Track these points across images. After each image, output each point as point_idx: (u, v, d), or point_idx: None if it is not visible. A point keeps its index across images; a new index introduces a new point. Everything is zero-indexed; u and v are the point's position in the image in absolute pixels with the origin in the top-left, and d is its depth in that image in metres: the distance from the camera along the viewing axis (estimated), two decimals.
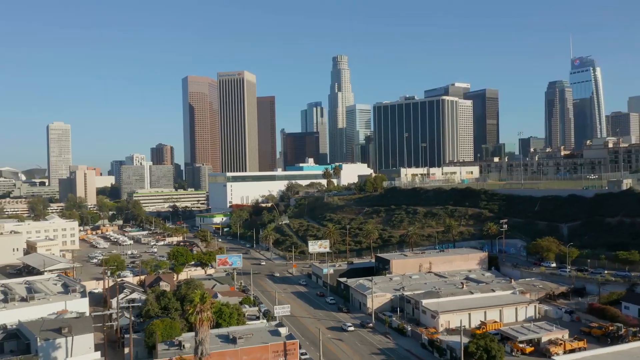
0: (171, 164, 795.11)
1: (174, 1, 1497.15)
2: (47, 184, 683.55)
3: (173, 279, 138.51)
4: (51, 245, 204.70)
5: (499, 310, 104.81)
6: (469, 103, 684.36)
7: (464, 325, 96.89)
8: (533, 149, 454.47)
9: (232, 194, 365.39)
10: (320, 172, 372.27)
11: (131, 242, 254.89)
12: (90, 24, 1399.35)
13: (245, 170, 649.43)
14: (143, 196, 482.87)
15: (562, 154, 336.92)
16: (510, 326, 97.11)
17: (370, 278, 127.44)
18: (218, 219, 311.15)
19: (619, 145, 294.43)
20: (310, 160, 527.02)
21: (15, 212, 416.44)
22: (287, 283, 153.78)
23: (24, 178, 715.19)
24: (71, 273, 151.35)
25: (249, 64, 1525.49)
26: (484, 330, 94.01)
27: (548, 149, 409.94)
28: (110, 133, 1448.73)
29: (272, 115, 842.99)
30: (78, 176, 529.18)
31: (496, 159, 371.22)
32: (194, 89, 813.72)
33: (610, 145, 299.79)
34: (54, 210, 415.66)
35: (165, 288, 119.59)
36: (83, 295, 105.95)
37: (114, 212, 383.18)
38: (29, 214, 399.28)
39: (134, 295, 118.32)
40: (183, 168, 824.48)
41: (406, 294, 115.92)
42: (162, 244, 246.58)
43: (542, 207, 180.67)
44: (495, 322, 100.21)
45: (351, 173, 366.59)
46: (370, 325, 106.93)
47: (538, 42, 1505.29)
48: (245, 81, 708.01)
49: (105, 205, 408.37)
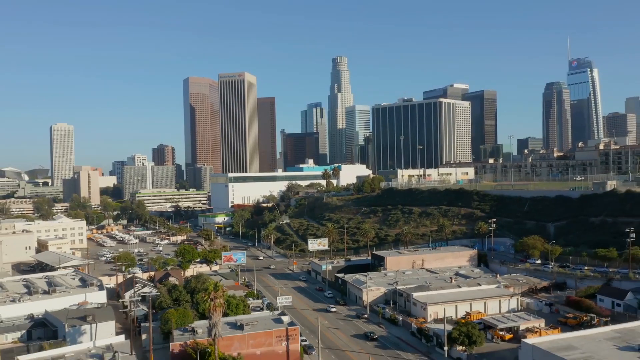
0: (172, 164, 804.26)
1: (174, 2, 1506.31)
2: (50, 184, 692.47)
3: (181, 275, 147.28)
4: (62, 244, 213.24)
5: (484, 303, 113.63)
6: (466, 104, 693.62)
7: (450, 316, 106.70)
8: (527, 151, 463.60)
9: (234, 194, 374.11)
10: (320, 173, 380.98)
11: (137, 241, 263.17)
12: (91, 24, 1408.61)
13: (246, 171, 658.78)
14: (146, 196, 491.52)
15: (555, 155, 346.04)
16: (492, 316, 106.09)
17: (366, 274, 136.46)
18: (220, 219, 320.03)
19: (610, 148, 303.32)
20: (310, 161, 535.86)
21: (20, 212, 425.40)
22: (288, 279, 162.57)
23: (26, 178, 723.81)
24: (83, 269, 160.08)
25: (249, 64, 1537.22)
26: (468, 319, 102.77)
27: (542, 151, 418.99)
28: (112, 133, 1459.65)
29: (273, 116, 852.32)
30: (82, 177, 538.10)
31: (491, 161, 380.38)
32: (195, 90, 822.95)
33: (601, 147, 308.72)
34: (59, 210, 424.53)
35: (174, 283, 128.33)
36: (101, 288, 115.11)
37: (118, 212, 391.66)
38: (34, 214, 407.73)
39: (146, 290, 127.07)
40: (184, 168, 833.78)
41: (399, 288, 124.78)
42: (166, 242, 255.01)
43: (531, 207, 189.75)
44: (479, 313, 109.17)
45: (350, 174, 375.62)
46: (365, 316, 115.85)
47: (536, 43, 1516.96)
48: (245, 82, 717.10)
49: (110, 205, 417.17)
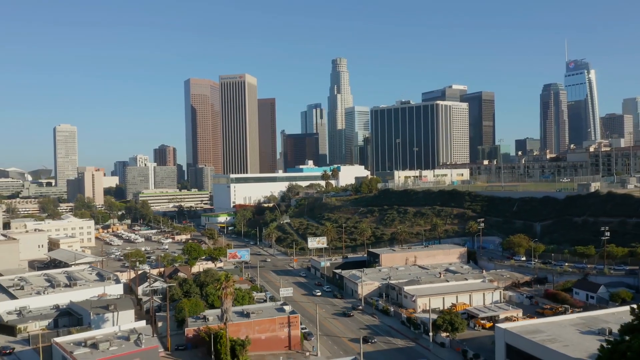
0: (174, 164, 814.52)
1: (174, 2, 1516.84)
2: (54, 184, 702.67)
3: (189, 271, 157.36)
4: (72, 242, 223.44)
5: (469, 295, 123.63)
6: (464, 106, 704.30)
7: (437, 307, 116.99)
8: (520, 153, 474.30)
9: (235, 195, 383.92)
10: (319, 174, 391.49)
11: (142, 240, 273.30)
12: (92, 24, 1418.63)
13: (247, 171, 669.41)
14: (149, 196, 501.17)
15: (548, 157, 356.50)
16: (476, 307, 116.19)
17: (361, 269, 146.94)
18: (222, 218, 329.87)
19: (600, 150, 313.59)
20: (310, 162, 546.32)
21: (26, 212, 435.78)
22: (289, 275, 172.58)
23: (30, 179, 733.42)
24: (95, 265, 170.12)
25: (250, 65, 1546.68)
26: (453, 310, 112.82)
27: (535, 152, 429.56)
28: (113, 134, 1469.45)
29: (273, 117, 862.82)
30: (86, 177, 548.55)
31: (485, 162, 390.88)
32: (196, 91, 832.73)
33: (591, 149, 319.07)
34: (65, 210, 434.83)
35: (184, 277, 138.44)
36: (117, 282, 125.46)
37: (123, 212, 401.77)
38: (39, 214, 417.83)
39: (157, 284, 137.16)
40: (185, 169, 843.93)
41: (392, 282, 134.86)
42: (170, 241, 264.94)
43: (520, 208, 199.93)
44: (464, 304, 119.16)
45: (349, 174, 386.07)
46: (360, 307, 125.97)
47: (534, 44, 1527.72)
48: (246, 84, 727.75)
49: (115, 205, 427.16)
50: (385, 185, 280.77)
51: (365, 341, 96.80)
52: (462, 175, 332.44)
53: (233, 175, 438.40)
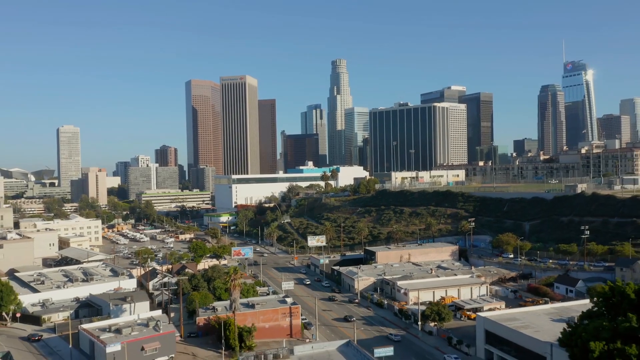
0: (175, 165, 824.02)
1: (174, 2, 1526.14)
2: (57, 184, 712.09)
3: (195, 267, 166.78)
4: (82, 241, 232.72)
5: (457, 289, 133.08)
6: (462, 107, 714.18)
7: (428, 300, 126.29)
8: (515, 154, 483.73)
9: (237, 195, 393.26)
10: (319, 175, 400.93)
11: (148, 239, 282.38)
12: (92, 24, 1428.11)
13: (247, 171, 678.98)
14: (151, 196, 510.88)
15: (541, 158, 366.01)
16: (463, 300, 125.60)
17: (358, 266, 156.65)
18: (225, 218, 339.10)
19: (591, 152, 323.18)
20: (310, 163, 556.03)
21: (32, 212, 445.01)
22: (290, 272, 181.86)
23: (33, 179, 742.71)
24: (106, 262, 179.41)
25: (250, 66, 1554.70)
26: (442, 302, 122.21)
27: (530, 154, 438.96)
28: (114, 134, 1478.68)
29: (273, 118, 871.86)
30: (90, 177, 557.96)
31: (481, 163, 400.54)
32: (197, 92, 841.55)
33: (582, 151, 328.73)
34: (69, 210, 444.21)
35: (192, 273, 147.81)
36: (131, 277, 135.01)
37: (127, 212, 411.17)
38: (45, 214, 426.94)
39: (166, 279, 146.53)
40: (186, 169, 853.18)
41: (386, 277, 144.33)
42: (174, 240, 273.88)
43: (510, 208, 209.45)
44: (452, 297, 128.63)
45: (348, 175, 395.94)
46: (356, 301, 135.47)
47: (532, 44, 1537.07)
48: (247, 85, 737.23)
49: (119, 206, 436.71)
50: (382, 186, 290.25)
51: (347, 320, 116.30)
52: (458, 176, 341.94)
53: (234, 176, 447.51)
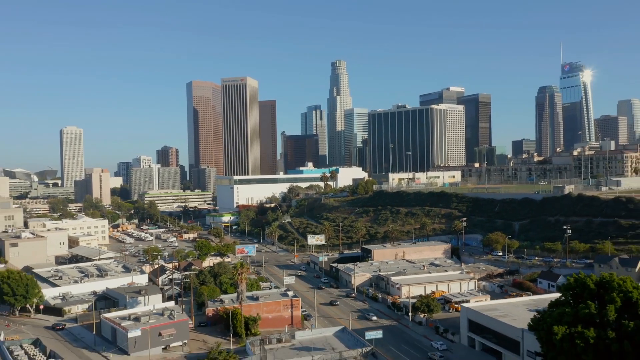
0: (176, 165, 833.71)
1: (174, 2, 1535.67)
2: (60, 185, 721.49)
3: (201, 265, 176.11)
4: (90, 240, 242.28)
5: (447, 284, 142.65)
6: (460, 108, 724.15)
7: (419, 294, 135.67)
8: (510, 155, 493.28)
9: (239, 195, 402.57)
10: (319, 176, 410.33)
11: (152, 238, 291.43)
12: (93, 24, 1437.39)
13: (248, 172, 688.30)
14: (154, 197, 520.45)
15: (536, 159, 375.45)
16: (451, 294, 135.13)
17: (355, 263, 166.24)
18: (226, 218, 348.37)
19: (583, 154, 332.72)
20: (310, 164, 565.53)
21: (37, 212, 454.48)
22: (291, 269, 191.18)
23: (36, 179, 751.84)
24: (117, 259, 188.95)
25: (250, 66, 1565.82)
26: (432, 296, 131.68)
27: (524, 155, 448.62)
28: (115, 135, 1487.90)
29: (273, 119, 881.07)
30: (94, 178, 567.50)
31: (476, 164, 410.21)
32: (198, 93, 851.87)
33: (575, 153, 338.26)
34: (74, 210, 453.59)
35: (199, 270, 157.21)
36: (142, 273, 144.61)
37: (131, 212, 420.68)
38: (51, 214, 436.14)
39: (175, 275, 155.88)
40: (187, 170, 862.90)
41: (381, 274, 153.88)
42: (177, 239, 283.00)
43: (501, 208, 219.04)
44: (442, 292, 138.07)
45: (347, 176, 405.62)
46: (353, 295, 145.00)
47: (530, 44, 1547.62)
48: (247, 86, 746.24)
49: (123, 206, 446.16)
50: (380, 187, 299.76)
51: (331, 304, 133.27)
52: (454, 177, 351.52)
53: (236, 177, 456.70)
